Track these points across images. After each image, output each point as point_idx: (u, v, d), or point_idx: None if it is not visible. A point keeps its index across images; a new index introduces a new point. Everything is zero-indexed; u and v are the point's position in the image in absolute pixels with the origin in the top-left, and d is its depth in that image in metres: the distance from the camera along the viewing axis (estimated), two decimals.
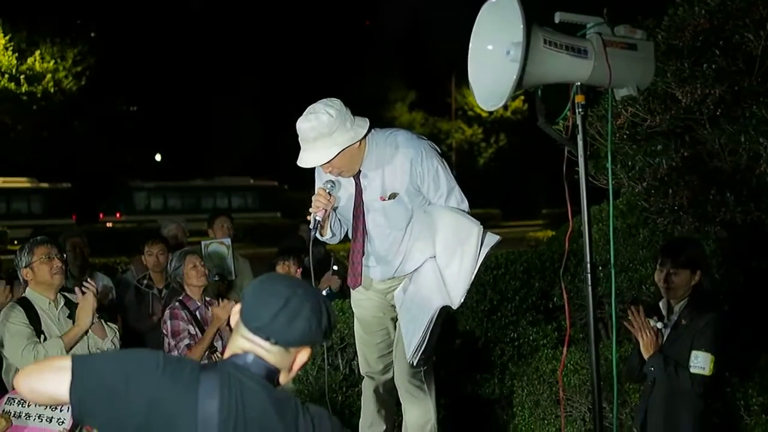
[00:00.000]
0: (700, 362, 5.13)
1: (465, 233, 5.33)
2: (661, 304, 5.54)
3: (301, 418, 3.06)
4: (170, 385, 2.94)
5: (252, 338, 3.07)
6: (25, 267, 6.15)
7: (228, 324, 6.22)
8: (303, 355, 3.14)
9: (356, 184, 5.57)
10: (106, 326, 6.29)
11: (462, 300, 5.31)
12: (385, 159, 5.48)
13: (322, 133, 5.24)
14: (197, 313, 7.26)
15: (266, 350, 3.07)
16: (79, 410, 2.95)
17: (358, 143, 5.37)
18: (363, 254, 5.68)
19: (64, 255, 6.38)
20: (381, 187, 5.51)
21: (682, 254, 5.42)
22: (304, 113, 5.32)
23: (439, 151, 5.61)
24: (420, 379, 5.70)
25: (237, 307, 3.17)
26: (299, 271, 8.12)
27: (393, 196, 5.50)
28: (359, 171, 5.52)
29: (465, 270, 5.29)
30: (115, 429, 2.94)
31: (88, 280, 6.40)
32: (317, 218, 5.45)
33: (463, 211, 5.51)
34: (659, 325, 5.37)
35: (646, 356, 5.31)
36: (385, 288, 5.75)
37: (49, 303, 6.19)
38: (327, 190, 5.47)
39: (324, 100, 5.35)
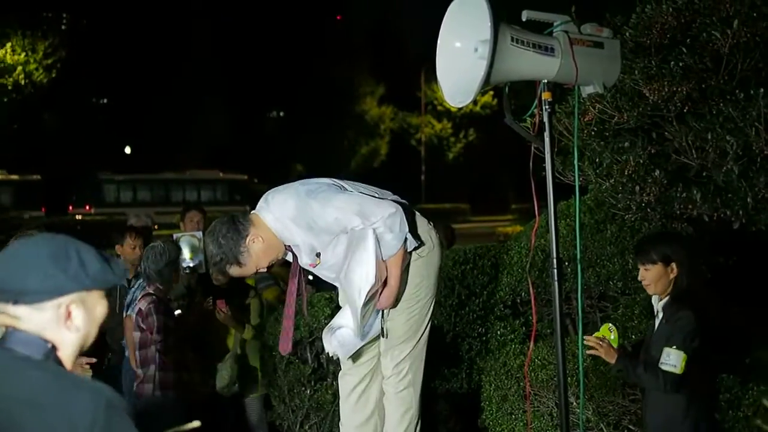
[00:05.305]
0: (672, 360, 5.05)
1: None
2: (653, 300, 5.52)
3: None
4: None
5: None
6: None
7: None
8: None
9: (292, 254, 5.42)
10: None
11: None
12: (287, 229, 5.26)
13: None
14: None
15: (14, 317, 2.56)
16: None
17: (259, 239, 5.22)
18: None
19: None
20: (308, 254, 5.32)
21: (651, 249, 5.40)
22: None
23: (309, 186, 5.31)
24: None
25: None
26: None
27: (318, 255, 5.30)
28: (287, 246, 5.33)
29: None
30: None
31: None
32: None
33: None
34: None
35: (612, 362, 5.32)
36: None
37: None
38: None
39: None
